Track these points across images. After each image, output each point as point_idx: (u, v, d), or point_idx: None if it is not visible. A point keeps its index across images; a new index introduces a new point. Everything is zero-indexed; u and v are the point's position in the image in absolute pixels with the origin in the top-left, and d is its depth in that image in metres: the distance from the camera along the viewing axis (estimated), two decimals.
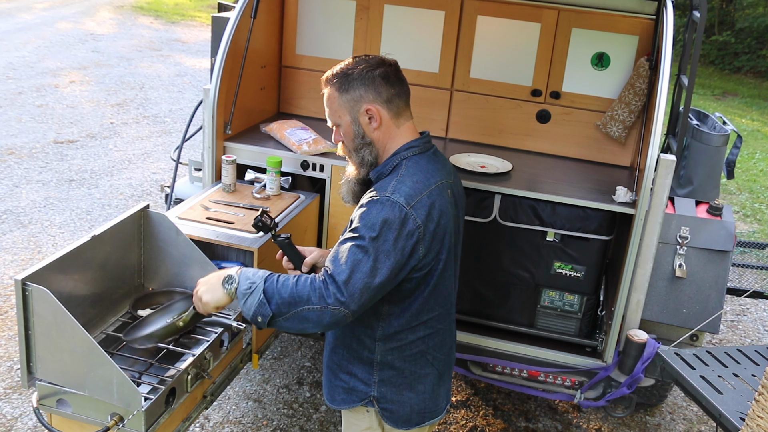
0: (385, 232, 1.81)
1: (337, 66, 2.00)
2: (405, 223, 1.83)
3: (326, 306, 1.78)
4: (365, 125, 1.97)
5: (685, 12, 10.21)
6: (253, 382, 3.63)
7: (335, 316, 1.80)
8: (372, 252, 1.80)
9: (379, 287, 1.83)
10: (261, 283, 1.84)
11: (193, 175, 3.60)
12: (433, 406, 2.14)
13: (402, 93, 1.99)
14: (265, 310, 1.82)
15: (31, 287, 1.90)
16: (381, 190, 1.88)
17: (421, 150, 2.00)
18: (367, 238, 1.81)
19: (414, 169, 1.93)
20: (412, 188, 1.87)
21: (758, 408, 1.79)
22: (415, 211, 1.85)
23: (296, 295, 1.80)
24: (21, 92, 8.08)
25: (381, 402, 2.07)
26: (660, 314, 2.95)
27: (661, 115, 2.75)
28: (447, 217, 1.94)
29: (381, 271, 1.81)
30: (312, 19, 3.63)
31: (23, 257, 4.60)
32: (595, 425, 3.55)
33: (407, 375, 2.06)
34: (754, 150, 8.67)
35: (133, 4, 14.44)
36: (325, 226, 3.20)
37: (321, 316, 1.79)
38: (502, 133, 3.59)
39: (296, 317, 1.81)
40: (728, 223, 3.06)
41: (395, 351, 2.03)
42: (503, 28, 3.45)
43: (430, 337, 2.05)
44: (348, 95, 1.95)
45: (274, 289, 1.82)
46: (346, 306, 1.79)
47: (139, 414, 1.92)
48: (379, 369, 2.05)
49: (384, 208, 1.83)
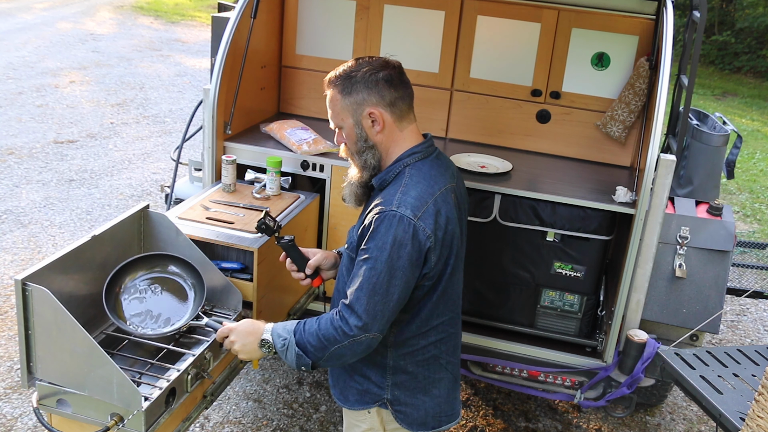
0: (396, 250, 1.83)
1: (340, 68, 1.99)
2: (415, 236, 1.84)
3: (352, 339, 1.86)
4: (368, 128, 1.97)
5: (685, 12, 10.21)
6: (253, 382, 3.63)
7: (364, 344, 1.87)
8: (386, 272, 1.83)
9: (398, 303, 1.88)
10: (292, 338, 1.92)
11: (193, 175, 3.60)
12: (449, 410, 2.14)
13: (405, 96, 1.98)
14: (304, 360, 1.91)
15: (31, 287, 1.90)
16: (386, 204, 1.87)
17: (424, 155, 1.99)
18: (379, 259, 1.83)
19: (417, 177, 1.93)
20: (417, 198, 1.87)
21: (758, 408, 1.79)
22: (422, 221, 1.85)
23: (323, 339, 1.88)
24: (21, 92, 8.08)
25: (395, 404, 2.07)
26: (660, 314, 2.95)
27: (661, 115, 2.75)
28: (453, 223, 1.94)
29: (397, 288, 1.85)
30: (312, 19, 3.63)
31: (23, 257, 4.60)
32: (595, 425, 3.55)
33: (421, 379, 2.07)
34: (754, 150, 8.67)
35: (133, 4, 14.44)
36: (325, 226, 3.20)
37: (353, 348, 1.88)
38: (502, 133, 3.59)
39: (333, 357, 1.90)
40: (728, 223, 3.06)
41: (408, 356, 2.04)
42: (503, 28, 3.45)
43: (442, 342, 2.06)
44: (351, 98, 1.95)
45: (303, 339, 1.91)
46: (369, 330, 1.85)
47: (139, 414, 1.92)
48: (393, 373, 2.05)
49: (392, 224, 1.84)
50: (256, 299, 2.54)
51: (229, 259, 2.59)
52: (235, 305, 2.48)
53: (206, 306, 2.45)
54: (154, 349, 2.22)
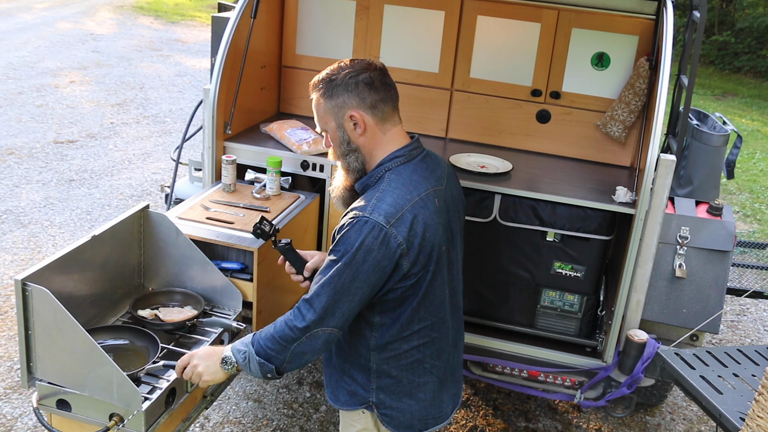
0: (363, 255, 1.82)
1: (324, 71, 1.99)
2: (385, 243, 1.83)
3: (309, 334, 1.86)
4: (350, 131, 1.96)
5: (685, 12, 10.21)
6: (253, 382, 3.63)
7: (322, 338, 1.87)
8: (349, 274, 1.83)
9: (358, 304, 1.88)
10: (251, 348, 1.91)
11: (193, 175, 3.60)
12: (436, 412, 2.13)
13: (387, 98, 1.96)
14: (267, 367, 1.90)
15: (31, 287, 1.90)
16: (361, 209, 1.87)
17: (407, 159, 1.97)
18: (344, 261, 1.84)
19: (396, 182, 1.91)
20: (391, 205, 1.86)
21: (758, 408, 1.79)
22: (395, 228, 1.84)
23: (281, 340, 1.88)
24: (21, 92, 8.08)
25: (380, 408, 2.07)
26: (660, 314, 2.95)
27: (661, 115, 2.75)
28: (433, 229, 1.92)
29: (359, 290, 1.85)
30: (312, 19, 3.63)
31: (23, 257, 4.60)
32: (595, 425, 3.55)
33: (405, 383, 2.06)
34: (754, 150, 8.67)
35: (133, 4, 14.44)
36: (325, 226, 3.20)
37: (312, 344, 1.88)
38: (502, 133, 3.59)
39: (294, 356, 1.89)
40: (728, 223, 3.06)
41: (390, 360, 2.03)
42: (503, 28, 3.45)
43: (425, 346, 2.04)
44: (332, 101, 1.94)
45: (261, 346, 1.90)
46: (325, 324, 1.86)
47: (139, 414, 1.92)
48: (377, 377, 2.05)
49: (362, 230, 1.83)
50: (256, 299, 2.54)
51: (229, 259, 2.60)
52: (235, 305, 2.48)
53: (206, 306, 2.45)
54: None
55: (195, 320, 2.35)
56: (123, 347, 2.22)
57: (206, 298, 2.47)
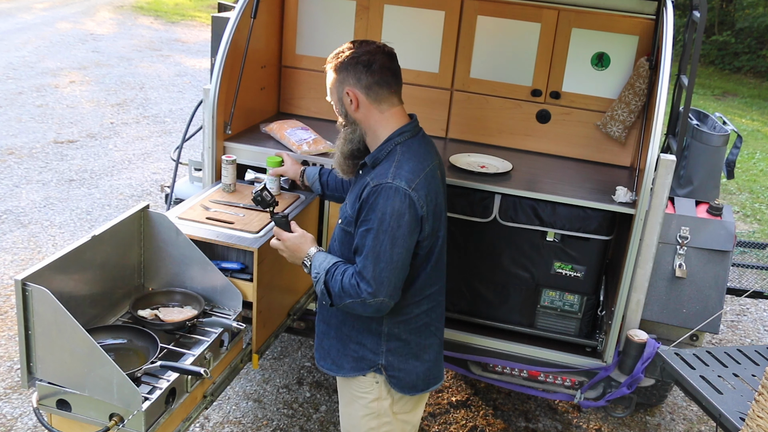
0: (396, 219, 1.99)
1: (339, 47, 2.17)
2: (412, 206, 2.01)
3: (363, 300, 2.03)
4: (347, 105, 2.15)
5: (685, 12, 10.21)
6: (253, 382, 3.63)
7: (374, 306, 2.04)
8: (388, 240, 1.99)
9: (402, 269, 2.05)
10: (323, 275, 2.12)
11: (193, 175, 3.60)
12: (437, 372, 2.33)
13: (383, 82, 2.11)
14: (325, 298, 2.12)
15: (31, 287, 1.90)
16: (382, 177, 2.03)
17: (412, 134, 2.15)
18: (380, 229, 2.00)
19: (409, 154, 2.09)
20: (410, 171, 2.04)
21: (758, 408, 1.79)
22: (416, 192, 2.02)
23: (343, 290, 2.06)
24: (21, 92, 8.08)
25: (388, 370, 2.22)
26: (660, 314, 2.95)
27: (661, 115, 2.75)
28: (441, 197, 2.15)
29: (400, 255, 2.01)
30: (312, 19, 3.63)
31: (23, 257, 4.61)
32: (595, 425, 3.55)
33: (413, 346, 2.22)
34: (754, 150, 8.67)
35: (133, 4, 14.44)
36: (325, 226, 3.20)
37: (363, 307, 2.06)
38: (502, 133, 3.59)
39: (348, 307, 2.09)
40: (728, 223, 3.06)
41: (402, 324, 2.19)
42: (503, 28, 3.45)
43: (432, 310, 2.23)
44: (336, 76, 2.14)
45: (330, 282, 2.10)
46: (378, 295, 2.02)
47: (139, 414, 1.92)
48: (387, 340, 2.20)
49: (389, 195, 1.99)
50: (256, 299, 2.54)
51: (229, 259, 2.59)
52: (235, 305, 2.48)
53: (206, 306, 2.45)
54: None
55: (195, 320, 2.35)
56: (123, 347, 2.22)
57: (206, 298, 2.47)
